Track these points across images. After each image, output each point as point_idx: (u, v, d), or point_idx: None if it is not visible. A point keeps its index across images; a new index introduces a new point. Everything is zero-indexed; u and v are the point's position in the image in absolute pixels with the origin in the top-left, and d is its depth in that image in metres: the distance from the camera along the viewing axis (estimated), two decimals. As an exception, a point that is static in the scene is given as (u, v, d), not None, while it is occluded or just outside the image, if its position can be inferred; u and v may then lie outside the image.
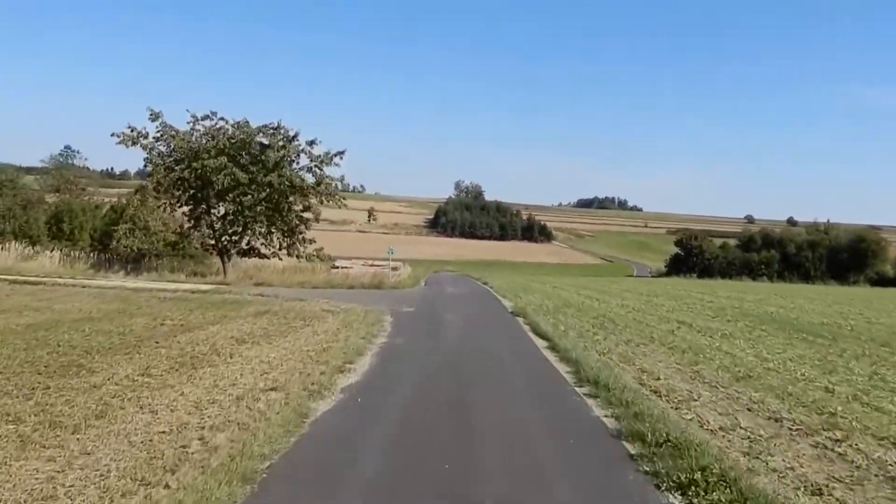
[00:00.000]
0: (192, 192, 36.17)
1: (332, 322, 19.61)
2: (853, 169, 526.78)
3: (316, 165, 35.86)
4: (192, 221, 37.10)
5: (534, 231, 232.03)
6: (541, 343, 17.91)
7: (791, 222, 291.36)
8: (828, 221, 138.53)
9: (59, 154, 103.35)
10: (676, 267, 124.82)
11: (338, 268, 37.26)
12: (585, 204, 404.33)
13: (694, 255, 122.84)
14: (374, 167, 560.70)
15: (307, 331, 17.44)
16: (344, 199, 38.29)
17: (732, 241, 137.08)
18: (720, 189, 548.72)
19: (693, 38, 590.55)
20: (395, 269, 37.42)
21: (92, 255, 39.09)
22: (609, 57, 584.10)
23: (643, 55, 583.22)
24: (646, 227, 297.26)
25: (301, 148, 35.82)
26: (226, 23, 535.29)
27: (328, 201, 36.53)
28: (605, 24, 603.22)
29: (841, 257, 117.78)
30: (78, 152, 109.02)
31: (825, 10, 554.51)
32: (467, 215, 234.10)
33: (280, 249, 36.59)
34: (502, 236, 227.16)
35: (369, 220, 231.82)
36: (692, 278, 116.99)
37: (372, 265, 38.96)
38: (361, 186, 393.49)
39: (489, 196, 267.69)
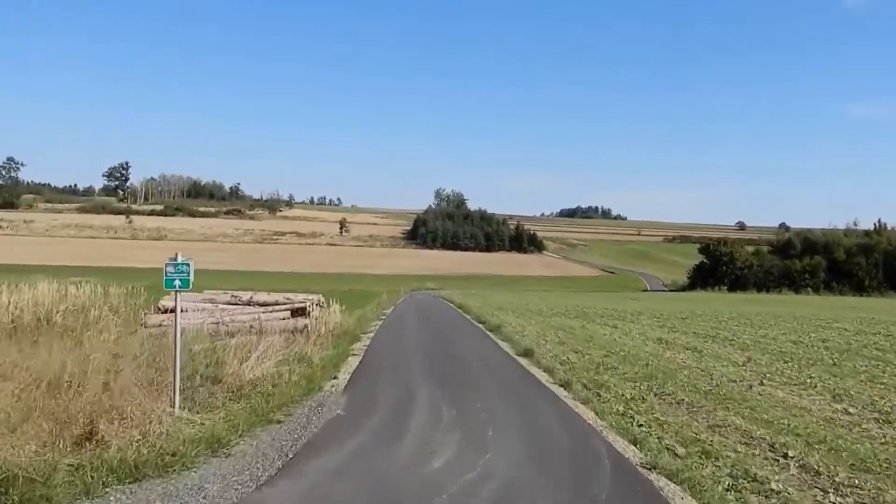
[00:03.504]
0: None
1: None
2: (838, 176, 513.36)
3: None
4: None
5: (523, 241, 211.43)
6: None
7: (783, 227, 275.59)
8: (880, 222, 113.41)
9: (2, 166, 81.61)
10: (702, 278, 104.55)
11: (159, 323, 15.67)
12: (569, 214, 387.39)
13: (723, 265, 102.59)
14: (350, 180, 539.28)
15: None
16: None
17: (757, 249, 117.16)
18: (704, 198, 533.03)
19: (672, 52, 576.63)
20: (298, 311, 16.18)
21: None
22: (590, 72, 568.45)
23: (624, 71, 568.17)
24: (639, 234, 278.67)
25: None
26: (200, 26, 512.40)
27: None
28: (585, 42, 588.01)
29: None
30: (22, 164, 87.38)
31: (817, 28, 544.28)
32: (449, 225, 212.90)
33: None
34: (488, 247, 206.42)
35: (341, 233, 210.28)
36: (722, 291, 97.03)
37: (254, 302, 17.20)
38: (338, 199, 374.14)
39: (472, 206, 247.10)
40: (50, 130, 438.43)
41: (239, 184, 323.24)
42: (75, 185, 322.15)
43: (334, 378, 11.52)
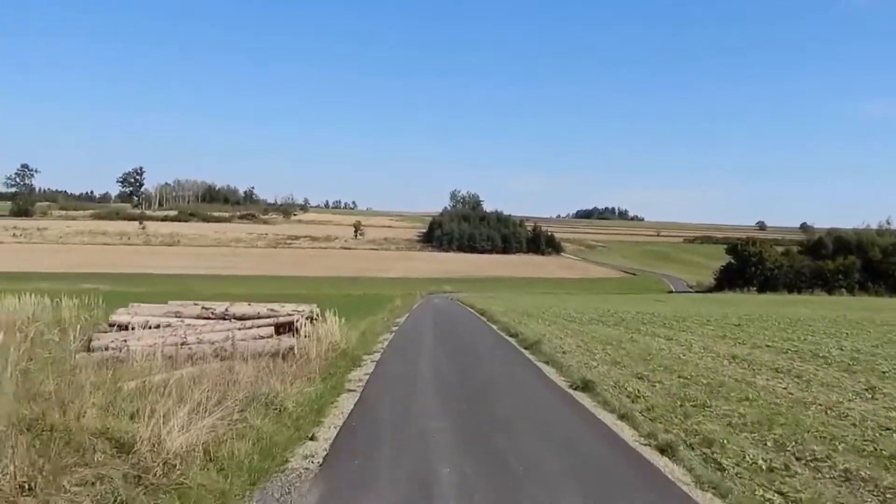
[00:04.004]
0: None
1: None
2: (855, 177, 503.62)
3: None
4: None
5: (540, 243, 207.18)
6: None
7: (805, 227, 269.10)
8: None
9: (16, 173, 79.53)
10: (729, 279, 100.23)
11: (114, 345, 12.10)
12: (585, 215, 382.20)
13: (752, 265, 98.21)
14: (366, 184, 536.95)
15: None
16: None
17: (782, 250, 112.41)
18: (721, 198, 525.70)
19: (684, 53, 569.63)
20: (284, 327, 12.52)
21: None
22: (606, 71, 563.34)
23: (638, 70, 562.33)
24: (658, 235, 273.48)
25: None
26: (211, 29, 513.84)
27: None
28: (586, 42, 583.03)
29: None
30: (37, 171, 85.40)
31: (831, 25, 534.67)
32: (465, 227, 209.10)
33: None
34: (505, 249, 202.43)
35: (356, 236, 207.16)
36: (751, 293, 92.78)
37: (230, 316, 13.60)
38: (353, 203, 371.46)
39: (487, 208, 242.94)
40: (66, 137, 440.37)
41: (253, 188, 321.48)
42: (91, 192, 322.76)
43: (310, 439, 7.68)
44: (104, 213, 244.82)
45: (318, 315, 14.32)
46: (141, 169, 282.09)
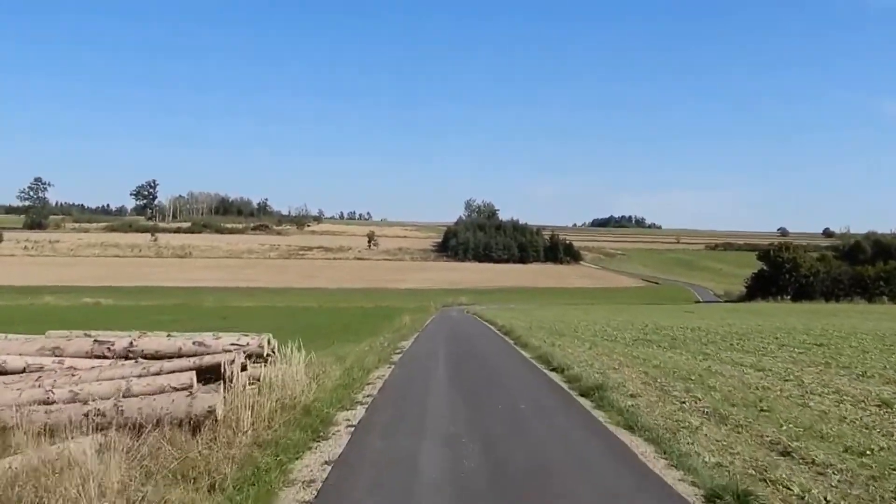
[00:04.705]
0: None
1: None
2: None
3: None
4: None
5: (559, 251, 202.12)
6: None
7: (828, 233, 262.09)
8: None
9: (30, 187, 76.59)
10: (762, 288, 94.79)
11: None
12: (601, 223, 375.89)
13: (785, 272, 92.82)
14: (380, 194, 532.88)
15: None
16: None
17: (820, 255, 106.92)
18: (741, 204, 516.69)
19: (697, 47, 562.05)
20: (210, 373, 8.44)
21: None
22: (619, 76, 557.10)
23: (651, 71, 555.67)
24: (678, 242, 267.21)
25: None
26: (226, 37, 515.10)
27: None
28: (608, 41, 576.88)
29: None
30: (50, 184, 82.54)
31: (846, 19, 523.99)
32: (481, 236, 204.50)
33: None
34: (523, 259, 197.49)
35: (370, 246, 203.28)
36: (785, 301, 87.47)
37: (136, 353, 9.32)
38: (368, 213, 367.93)
39: (503, 217, 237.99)
40: (81, 150, 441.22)
41: (266, 199, 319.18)
42: (108, 206, 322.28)
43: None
44: (117, 225, 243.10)
45: (272, 350, 9.85)
46: (154, 182, 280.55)
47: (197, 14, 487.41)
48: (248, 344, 8.64)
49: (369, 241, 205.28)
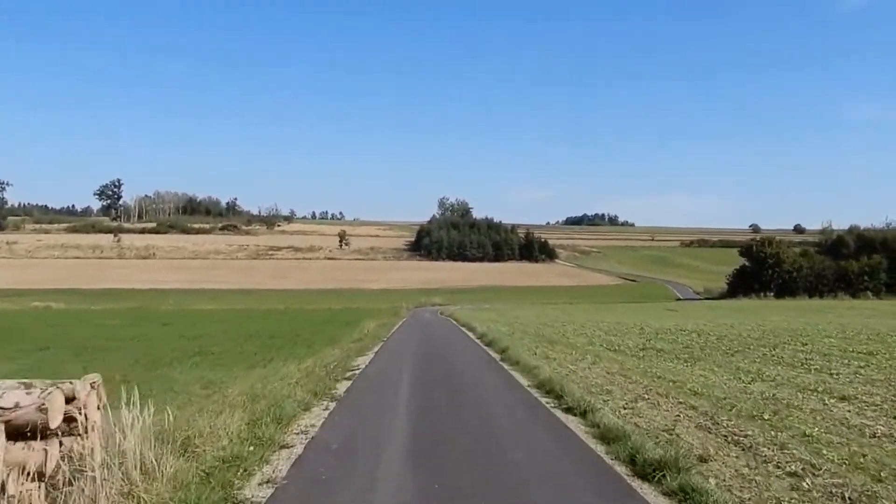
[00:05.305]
0: None
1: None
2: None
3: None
4: None
5: (534, 249, 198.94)
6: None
7: (798, 230, 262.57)
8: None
9: None
10: (744, 284, 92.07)
11: None
12: (574, 222, 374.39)
13: (768, 268, 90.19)
14: (353, 194, 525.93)
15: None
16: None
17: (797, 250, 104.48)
18: (712, 202, 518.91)
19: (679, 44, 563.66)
20: None
21: None
22: (590, 73, 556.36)
23: (625, 68, 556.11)
24: (652, 240, 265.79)
25: None
26: (191, 34, 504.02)
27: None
28: (584, 41, 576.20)
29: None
30: (8, 184, 76.63)
31: (822, 21, 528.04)
32: (455, 234, 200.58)
33: None
34: (497, 257, 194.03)
35: (341, 246, 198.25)
36: (768, 298, 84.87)
37: None
38: (340, 213, 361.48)
39: (477, 215, 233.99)
40: (43, 150, 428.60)
41: (236, 199, 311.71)
42: (73, 206, 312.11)
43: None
44: (80, 226, 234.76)
45: (99, 402, 5.39)
46: (119, 181, 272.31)
47: (158, 12, 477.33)
48: (16, 405, 4.50)
49: (341, 241, 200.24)
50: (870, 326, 28.75)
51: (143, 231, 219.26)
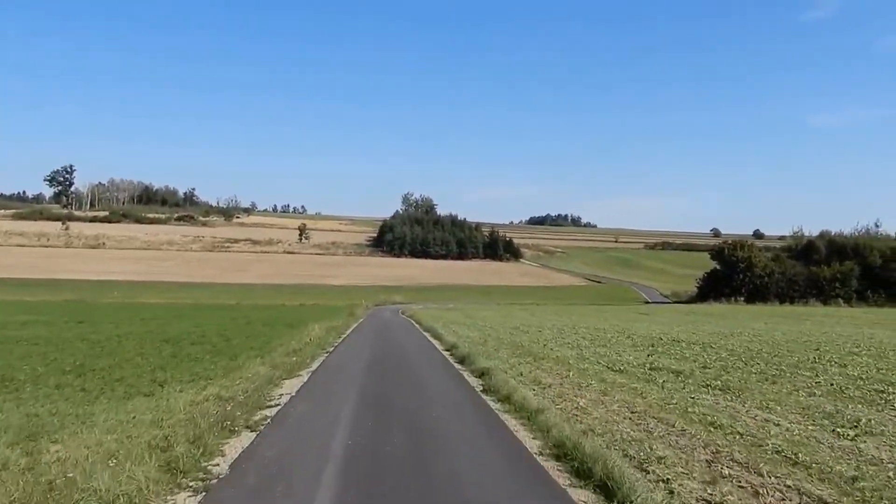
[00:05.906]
0: None
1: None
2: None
3: None
4: None
5: (498, 248, 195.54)
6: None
7: (758, 235, 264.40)
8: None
9: None
10: (715, 288, 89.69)
11: None
12: (538, 221, 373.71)
13: (739, 273, 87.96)
14: (316, 189, 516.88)
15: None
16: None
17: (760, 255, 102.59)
18: (672, 206, 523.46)
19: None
20: None
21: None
22: (555, 76, 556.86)
23: (590, 72, 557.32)
24: (616, 242, 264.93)
25: None
26: (151, 25, 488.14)
27: None
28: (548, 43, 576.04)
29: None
30: None
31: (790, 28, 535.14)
32: (418, 231, 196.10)
33: None
34: (461, 255, 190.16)
35: (300, 240, 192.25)
36: (739, 303, 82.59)
37: None
38: (302, 207, 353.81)
39: (441, 212, 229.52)
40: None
41: (194, 189, 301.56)
42: (23, 192, 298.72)
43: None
44: (26, 212, 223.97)
45: None
46: (71, 167, 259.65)
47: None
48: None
49: (300, 235, 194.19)
50: (865, 335, 25.52)
51: (93, 219, 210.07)
